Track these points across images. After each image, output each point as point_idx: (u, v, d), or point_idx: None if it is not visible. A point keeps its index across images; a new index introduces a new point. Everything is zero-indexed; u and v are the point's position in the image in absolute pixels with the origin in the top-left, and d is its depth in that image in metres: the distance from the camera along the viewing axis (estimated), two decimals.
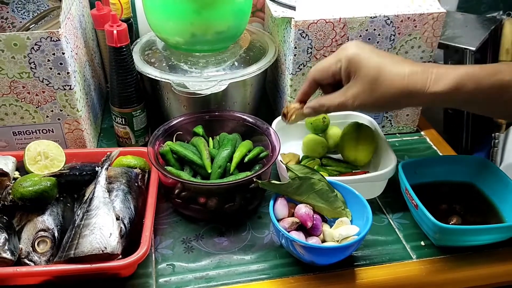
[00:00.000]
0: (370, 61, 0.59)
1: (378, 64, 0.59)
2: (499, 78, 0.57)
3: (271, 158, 0.70)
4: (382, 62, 0.59)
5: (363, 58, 0.59)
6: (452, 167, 0.74)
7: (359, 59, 0.60)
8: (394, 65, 0.59)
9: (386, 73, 0.58)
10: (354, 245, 0.60)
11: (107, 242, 0.57)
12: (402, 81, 0.58)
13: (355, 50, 0.60)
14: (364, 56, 0.59)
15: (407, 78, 0.58)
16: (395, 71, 0.58)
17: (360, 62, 0.59)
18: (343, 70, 0.61)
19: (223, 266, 0.64)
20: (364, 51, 0.60)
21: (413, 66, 0.59)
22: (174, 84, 0.76)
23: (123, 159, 0.72)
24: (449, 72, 0.58)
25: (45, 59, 0.69)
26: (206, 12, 0.74)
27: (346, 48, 0.61)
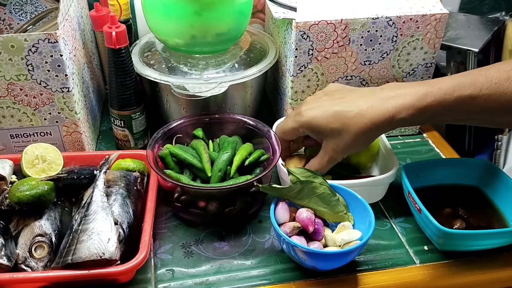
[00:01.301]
0: (326, 119, 0.62)
1: (335, 117, 0.62)
2: (458, 94, 0.57)
3: (272, 162, 0.69)
4: (337, 113, 0.62)
5: (319, 120, 0.63)
6: (455, 170, 0.73)
7: (317, 123, 0.63)
8: (350, 108, 0.61)
9: (346, 120, 0.61)
10: (357, 250, 0.59)
11: (105, 248, 0.56)
12: (364, 120, 0.60)
13: (310, 115, 0.63)
14: (318, 118, 0.63)
15: (368, 115, 0.60)
16: (353, 114, 0.61)
17: (319, 125, 0.63)
18: (311, 135, 0.66)
19: (224, 272, 0.63)
20: (319, 110, 0.63)
21: (372, 99, 0.61)
22: (173, 86, 0.75)
23: (121, 163, 0.71)
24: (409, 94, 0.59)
25: (42, 61, 0.68)
26: (206, 14, 0.73)
27: (301, 114, 0.64)
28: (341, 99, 0.64)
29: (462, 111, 0.59)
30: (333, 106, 0.63)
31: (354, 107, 0.61)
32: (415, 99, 0.59)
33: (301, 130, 0.66)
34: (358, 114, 0.60)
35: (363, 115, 0.60)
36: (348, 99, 0.63)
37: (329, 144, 0.64)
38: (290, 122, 0.67)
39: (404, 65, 0.82)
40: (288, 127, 0.67)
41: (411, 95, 0.59)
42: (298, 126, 0.65)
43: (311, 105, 0.65)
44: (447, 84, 0.58)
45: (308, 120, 0.64)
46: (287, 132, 0.68)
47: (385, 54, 0.80)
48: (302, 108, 0.65)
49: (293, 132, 0.67)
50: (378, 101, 0.60)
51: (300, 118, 0.65)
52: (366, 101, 0.61)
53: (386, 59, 0.80)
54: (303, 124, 0.64)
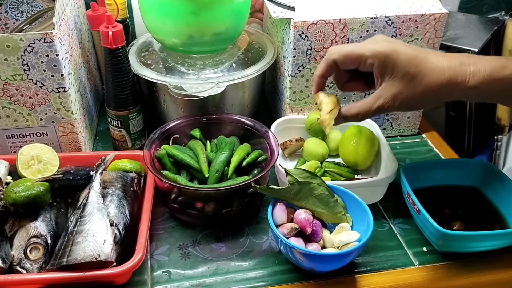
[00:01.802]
0: (406, 58, 0.56)
1: (415, 61, 0.56)
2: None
3: (270, 162, 0.68)
4: (418, 58, 0.57)
5: (399, 56, 0.56)
6: (454, 171, 0.72)
7: (397, 56, 0.56)
8: (431, 59, 0.57)
9: (425, 69, 0.56)
10: (355, 252, 0.58)
11: (100, 249, 0.55)
12: (443, 76, 0.56)
13: (391, 46, 0.57)
14: (400, 54, 0.57)
15: (447, 72, 0.56)
16: (434, 66, 0.56)
17: (397, 61, 0.56)
18: (377, 67, 0.58)
19: (221, 273, 0.62)
20: (397, 49, 0.57)
21: (451, 59, 0.57)
22: (170, 86, 0.74)
23: (118, 163, 0.70)
24: (486, 65, 0.56)
25: (38, 61, 0.68)
26: (203, 13, 0.73)
27: (378, 44, 0.58)
28: (418, 49, 0.58)
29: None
30: (413, 50, 0.57)
31: (434, 59, 0.57)
32: (493, 70, 0.56)
33: (370, 60, 0.58)
34: (437, 68, 0.56)
35: (442, 70, 0.56)
36: (427, 51, 0.58)
37: (393, 87, 0.57)
38: (361, 47, 0.58)
39: None
40: (356, 51, 0.58)
41: (489, 66, 0.56)
42: (371, 54, 0.57)
43: (389, 40, 0.58)
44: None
45: (387, 52, 0.57)
46: (352, 56, 0.59)
47: None
48: (379, 39, 0.58)
49: (358, 60, 0.59)
50: (456, 62, 0.57)
51: (377, 47, 0.57)
52: (444, 59, 0.57)
53: None
54: (380, 53, 0.57)
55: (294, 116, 0.83)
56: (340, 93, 0.82)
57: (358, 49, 0.59)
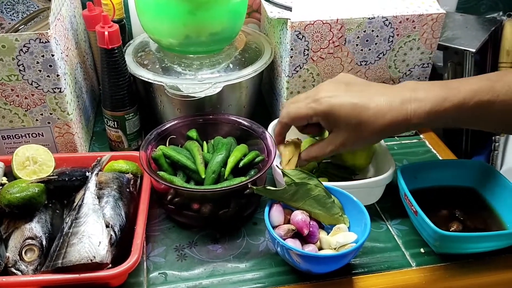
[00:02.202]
0: (346, 112, 0.60)
1: (355, 112, 0.60)
2: (478, 99, 0.57)
3: (267, 163, 0.68)
4: (358, 108, 0.60)
5: (340, 111, 0.60)
6: (452, 171, 0.72)
7: (337, 112, 0.60)
8: (372, 104, 0.59)
9: (366, 117, 0.59)
10: (352, 253, 0.58)
11: (96, 251, 0.55)
12: (383, 119, 0.59)
13: (329, 103, 0.60)
14: (340, 108, 0.60)
15: (388, 114, 0.59)
16: (375, 111, 0.59)
17: (339, 115, 0.60)
18: (322, 123, 0.63)
19: (217, 275, 0.62)
20: (336, 105, 0.60)
21: (393, 99, 0.59)
22: (167, 86, 0.74)
23: (114, 164, 0.70)
24: (428, 98, 0.58)
25: (34, 61, 0.67)
26: (200, 13, 0.72)
27: (319, 101, 0.61)
28: (361, 93, 0.61)
29: (479, 116, 0.58)
30: (353, 98, 0.60)
31: (373, 104, 0.59)
32: (434, 104, 0.57)
33: (315, 118, 0.62)
34: (378, 112, 0.59)
35: (382, 114, 0.58)
36: (367, 94, 0.60)
37: (339, 136, 0.62)
38: (305, 108, 0.62)
39: (401, 65, 0.81)
40: (301, 113, 0.62)
41: (430, 101, 0.58)
42: (313, 113, 0.61)
43: (330, 92, 0.61)
44: (466, 88, 0.57)
45: (327, 110, 0.60)
46: (299, 117, 0.63)
47: (381, 55, 0.79)
48: (321, 95, 0.61)
49: (305, 119, 0.63)
50: (397, 101, 0.59)
51: (318, 105, 0.61)
52: (385, 100, 0.59)
53: (382, 59, 0.79)
54: (320, 112, 0.61)
55: None
56: None
57: (302, 111, 0.63)
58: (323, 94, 0.61)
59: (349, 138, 0.61)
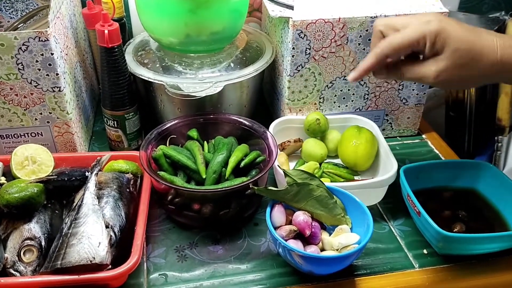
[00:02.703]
0: (459, 35, 0.55)
1: (468, 39, 0.55)
2: None
3: (268, 163, 0.67)
4: (471, 36, 0.55)
5: (452, 32, 0.55)
6: (455, 172, 0.71)
7: (448, 34, 0.55)
8: (483, 37, 0.55)
9: (477, 48, 0.55)
10: (355, 255, 0.57)
11: (95, 252, 0.54)
12: (494, 55, 0.55)
13: (441, 25, 0.55)
14: (452, 30, 0.55)
15: (499, 51, 0.55)
16: (486, 44, 0.55)
17: (449, 38, 0.54)
18: (429, 47, 0.56)
19: (218, 276, 0.61)
20: (450, 25, 0.55)
21: (503, 38, 0.55)
22: (167, 86, 0.73)
23: (114, 164, 0.69)
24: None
25: (33, 60, 0.67)
26: (201, 12, 0.72)
27: (430, 22, 0.55)
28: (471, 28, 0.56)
29: None
30: (464, 29, 0.55)
31: (486, 38, 0.55)
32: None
33: (423, 41, 0.55)
34: (490, 47, 0.54)
35: (495, 50, 0.55)
36: (478, 30, 0.56)
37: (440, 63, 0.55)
38: (412, 31, 0.56)
39: None
40: (409, 37, 0.56)
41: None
42: (426, 33, 0.55)
43: (441, 17, 0.56)
44: None
45: (439, 30, 0.54)
46: (406, 43, 0.56)
47: None
48: (428, 18, 0.56)
49: (414, 43, 0.56)
50: (510, 41, 0.55)
51: (428, 26, 0.55)
52: (498, 38, 0.55)
53: None
54: (433, 32, 0.54)
55: (293, 117, 0.82)
56: None
57: (405, 36, 0.56)
58: (432, 17, 0.56)
59: (451, 67, 0.55)
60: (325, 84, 0.80)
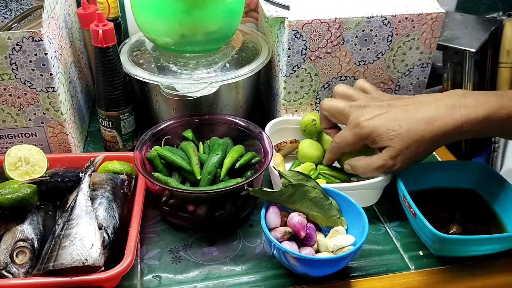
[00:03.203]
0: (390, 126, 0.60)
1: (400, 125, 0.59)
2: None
3: (264, 164, 0.67)
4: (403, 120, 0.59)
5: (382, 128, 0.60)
6: (451, 173, 0.71)
7: (380, 131, 0.60)
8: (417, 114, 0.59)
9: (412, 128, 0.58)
10: (350, 256, 0.57)
11: (88, 254, 0.54)
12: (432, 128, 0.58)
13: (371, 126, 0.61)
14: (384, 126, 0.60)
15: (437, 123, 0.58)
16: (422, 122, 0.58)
17: (383, 134, 0.60)
18: (371, 145, 0.63)
19: (212, 278, 0.60)
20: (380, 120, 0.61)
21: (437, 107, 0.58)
22: (162, 86, 0.72)
23: (108, 165, 0.69)
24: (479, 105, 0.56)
25: (27, 60, 0.66)
26: (196, 12, 0.71)
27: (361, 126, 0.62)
28: (405, 107, 0.61)
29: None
30: (397, 114, 0.60)
31: (420, 115, 0.58)
32: (487, 111, 0.55)
33: (362, 142, 0.64)
34: (426, 123, 0.57)
35: (431, 123, 0.57)
36: (412, 107, 0.60)
37: (389, 152, 0.61)
38: (350, 136, 0.64)
39: (400, 65, 0.80)
40: (349, 141, 0.65)
41: (482, 108, 0.56)
42: (360, 138, 0.63)
43: (370, 114, 0.62)
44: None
45: (370, 131, 0.61)
46: (349, 145, 0.66)
47: (380, 54, 0.78)
48: (361, 119, 0.62)
49: (355, 145, 0.65)
50: (446, 109, 0.57)
51: (360, 130, 0.62)
52: (432, 109, 0.58)
53: (381, 59, 0.78)
54: (365, 135, 0.62)
55: (289, 117, 0.82)
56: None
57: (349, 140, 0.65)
58: (363, 118, 0.62)
59: (398, 153, 0.60)
60: (321, 85, 0.80)
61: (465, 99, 0.57)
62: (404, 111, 0.60)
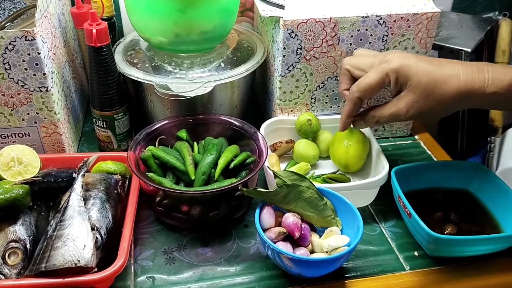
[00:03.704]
0: (419, 68, 0.57)
1: (429, 70, 0.57)
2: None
3: (258, 164, 0.66)
4: (432, 67, 0.57)
5: (412, 67, 0.57)
6: (447, 173, 0.71)
7: (408, 69, 0.57)
8: (445, 67, 0.56)
9: (439, 77, 0.56)
10: (344, 257, 0.56)
11: (80, 255, 0.53)
12: (458, 82, 0.56)
13: (401, 61, 0.58)
14: (412, 65, 0.57)
15: (463, 78, 0.55)
16: (448, 74, 0.56)
17: (410, 72, 0.57)
18: (393, 84, 0.59)
19: (206, 279, 0.60)
20: (409, 60, 0.58)
21: (466, 66, 0.57)
22: (156, 86, 0.72)
23: (102, 165, 0.69)
24: (506, 71, 0.55)
25: (20, 60, 0.66)
26: (190, 11, 0.71)
27: (389, 61, 0.59)
28: (432, 60, 0.58)
29: None
30: (425, 61, 0.58)
31: (448, 68, 0.56)
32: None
33: (387, 79, 0.59)
34: (452, 75, 0.56)
35: (458, 77, 0.56)
36: (440, 61, 0.58)
37: (406, 98, 0.58)
38: (375, 72, 0.59)
39: None
40: (373, 79, 0.59)
41: (508, 71, 0.55)
42: (386, 73, 0.58)
43: (399, 54, 0.59)
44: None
45: (399, 66, 0.57)
46: (372, 85, 0.60)
47: None
48: (390, 56, 0.59)
49: (379, 83, 0.59)
50: (474, 69, 0.56)
51: (388, 65, 0.58)
52: (461, 67, 0.56)
53: None
54: (392, 70, 0.58)
55: (284, 117, 0.81)
56: None
57: (370, 77, 0.60)
58: (391, 56, 0.59)
59: (417, 99, 0.57)
60: (317, 85, 0.79)
61: (492, 66, 0.56)
62: (433, 61, 0.58)
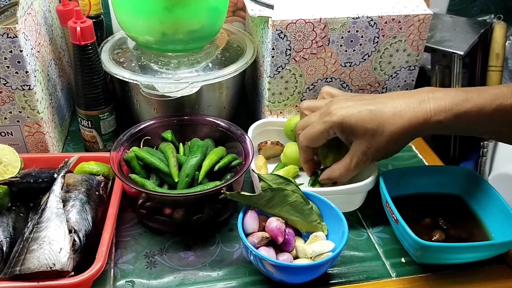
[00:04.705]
0: (362, 116, 0.58)
1: (372, 113, 0.58)
2: (499, 103, 0.55)
3: (244, 167, 0.65)
4: (374, 109, 0.58)
5: (353, 116, 0.58)
6: (437, 178, 0.69)
7: (351, 120, 0.58)
8: (388, 105, 0.58)
9: (384, 118, 0.57)
10: (328, 263, 0.55)
11: (56, 258, 0.52)
12: (402, 121, 0.57)
13: (342, 114, 0.59)
14: (354, 114, 0.58)
15: (406, 115, 0.57)
16: (391, 113, 0.57)
17: (353, 123, 0.58)
18: (339, 136, 0.61)
19: (187, 284, 0.59)
20: (351, 109, 0.59)
21: (408, 98, 0.58)
22: (142, 85, 0.71)
23: (85, 166, 0.67)
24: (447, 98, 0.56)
25: (1, 57, 0.64)
26: (177, 10, 0.69)
27: (331, 114, 0.59)
28: (374, 100, 0.60)
29: (501, 121, 0.56)
30: (366, 105, 0.59)
31: (390, 107, 0.57)
32: (454, 103, 0.56)
33: (331, 131, 0.60)
34: (395, 114, 0.57)
35: (400, 115, 0.57)
36: (382, 100, 0.59)
37: (360, 146, 0.59)
38: (318, 125, 0.61)
39: (387, 67, 0.78)
40: (316, 131, 0.61)
41: (450, 99, 0.56)
42: (329, 126, 0.60)
43: (341, 104, 0.60)
44: (486, 92, 0.56)
45: (340, 120, 0.59)
46: (316, 137, 0.62)
47: (366, 56, 0.76)
48: (332, 108, 0.60)
49: (323, 136, 0.61)
50: (415, 101, 0.57)
51: (330, 118, 0.59)
52: (402, 102, 0.58)
53: (367, 61, 0.77)
54: (334, 123, 0.59)
55: (273, 119, 0.80)
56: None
57: (317, 129, 0.61)
58: (334, 106, 0.60)
59: (370, 145, 0.59)
60: (306, 86, 0.78)
61: (434, 93, 0.57)
62: (375, 103, 0.59)
